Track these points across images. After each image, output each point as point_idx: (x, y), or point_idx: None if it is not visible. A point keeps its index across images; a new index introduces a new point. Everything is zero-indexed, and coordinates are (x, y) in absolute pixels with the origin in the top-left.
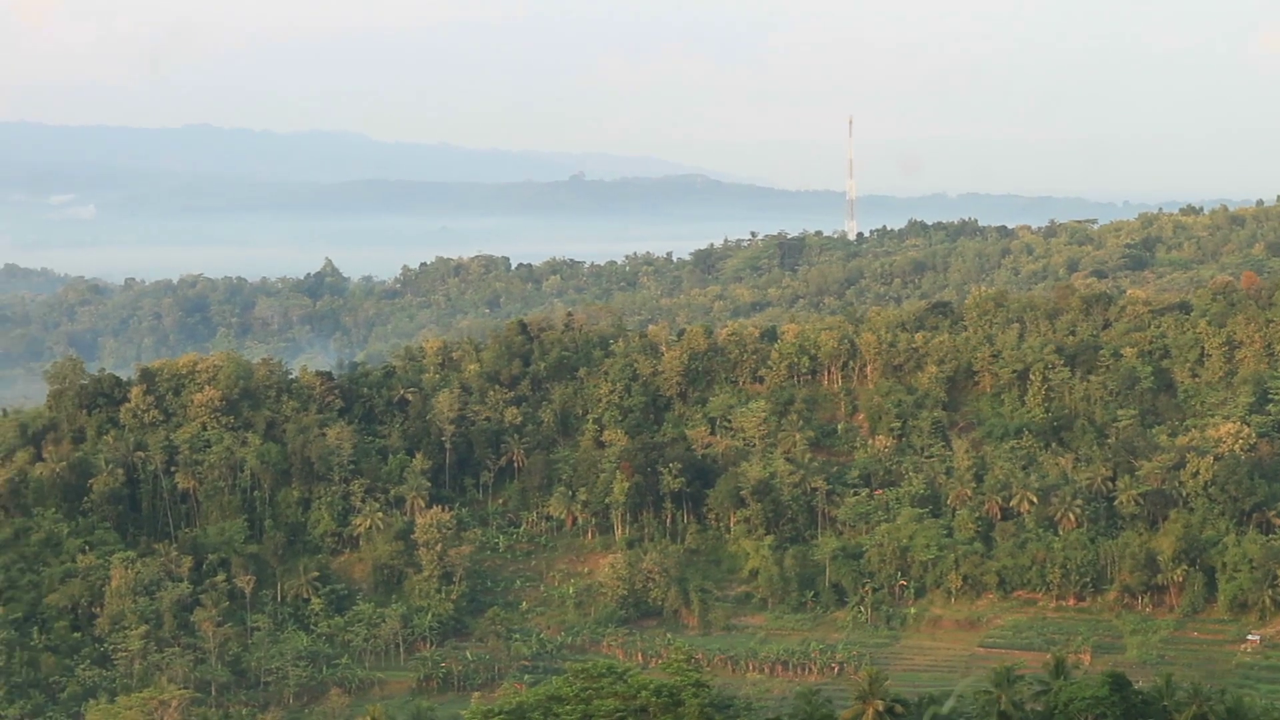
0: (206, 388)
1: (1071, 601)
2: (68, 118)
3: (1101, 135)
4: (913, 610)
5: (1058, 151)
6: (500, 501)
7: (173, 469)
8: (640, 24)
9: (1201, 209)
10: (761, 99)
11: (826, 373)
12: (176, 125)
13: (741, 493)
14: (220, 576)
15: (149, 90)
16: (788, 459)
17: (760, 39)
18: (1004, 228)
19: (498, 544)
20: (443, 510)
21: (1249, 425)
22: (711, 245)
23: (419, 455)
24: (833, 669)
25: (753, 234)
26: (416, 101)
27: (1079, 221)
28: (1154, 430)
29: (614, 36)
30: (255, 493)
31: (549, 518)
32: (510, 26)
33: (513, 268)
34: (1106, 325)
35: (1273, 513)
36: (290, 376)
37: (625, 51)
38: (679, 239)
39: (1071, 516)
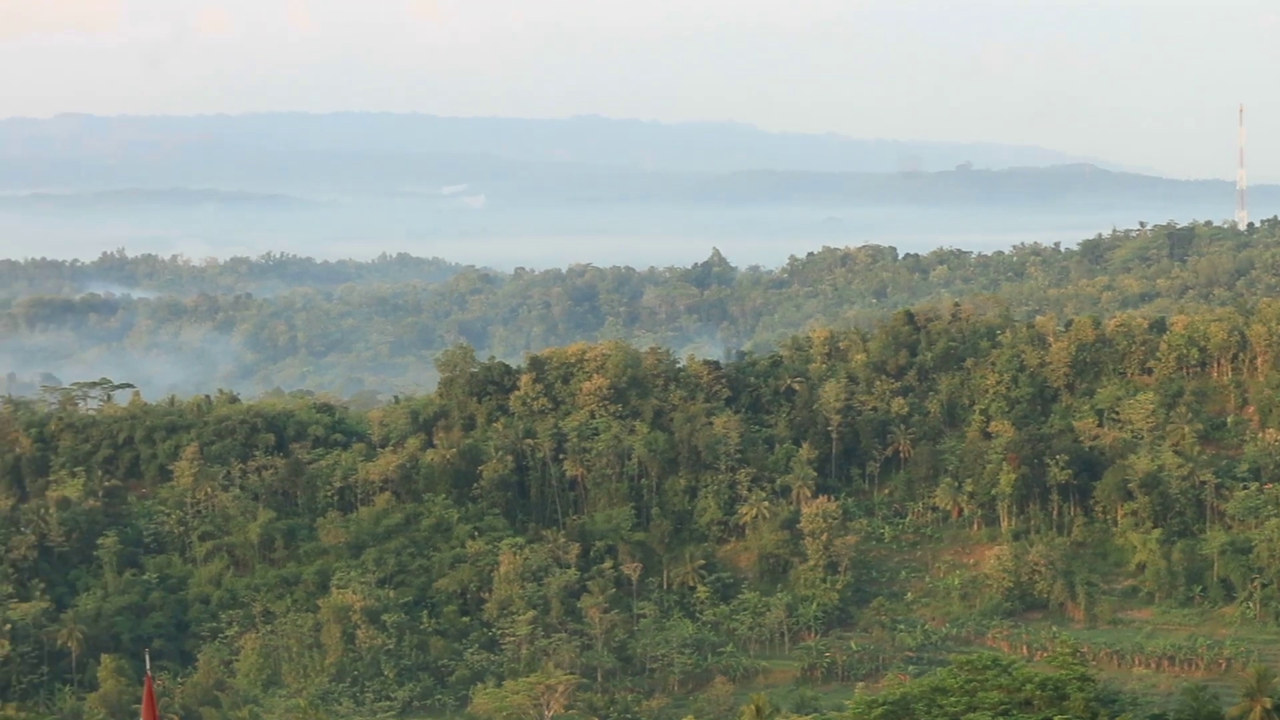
0: (595, 376)
1: None
2: (459, 110)
3: None
4: None
5: None
6: (886, 492)
7: (561, 456)
8: (1026, 12)
9: None
10: (1151, 87)
11: (1216, 365)
12: (566, 116)
13: (1129, 485)
14: (607, 563)
15: (539, 82)
16: (1176, 451)
17: (1148, 27)
18: None
19: (883, 534)
20: (828, 500)
21: None
22: (1100, 235)
23: (805, 445)
24: (1220, 665)
25: (1141, 224)
26: (803, 92)
27: None
28: None
29: (1000, 25)
30: (642, 481)
31: (935, 508)
32: (895, 17)
33: (899, 258)
34: None
35: None
36: (678, 365)
37: (1011, 40)
38: (1067, 229)
39: None
